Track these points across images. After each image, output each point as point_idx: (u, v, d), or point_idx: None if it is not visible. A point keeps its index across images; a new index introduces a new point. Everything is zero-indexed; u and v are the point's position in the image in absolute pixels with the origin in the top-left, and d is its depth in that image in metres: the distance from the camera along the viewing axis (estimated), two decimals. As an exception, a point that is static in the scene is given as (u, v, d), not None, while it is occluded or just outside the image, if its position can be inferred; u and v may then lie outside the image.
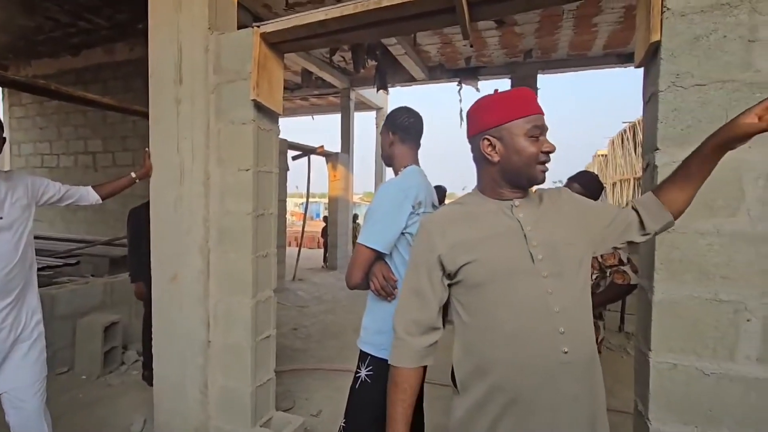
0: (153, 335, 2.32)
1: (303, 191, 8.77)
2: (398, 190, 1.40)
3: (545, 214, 0.98)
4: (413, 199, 1.39)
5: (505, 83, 7.31)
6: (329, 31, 1.92)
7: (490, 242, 0.94)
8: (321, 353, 3.87)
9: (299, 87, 8.48)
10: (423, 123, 1.56)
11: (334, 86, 8.32)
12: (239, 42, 2.06)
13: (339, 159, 8.52)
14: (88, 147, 6.62)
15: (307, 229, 10.38)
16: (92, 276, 4.19)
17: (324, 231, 9.35)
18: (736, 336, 1.23)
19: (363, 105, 9.73)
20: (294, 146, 7.34)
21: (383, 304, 1.41)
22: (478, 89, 7.33)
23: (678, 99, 1.28)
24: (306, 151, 7.76)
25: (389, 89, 7.59)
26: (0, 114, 7.29)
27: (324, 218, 10.09)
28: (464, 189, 1.13)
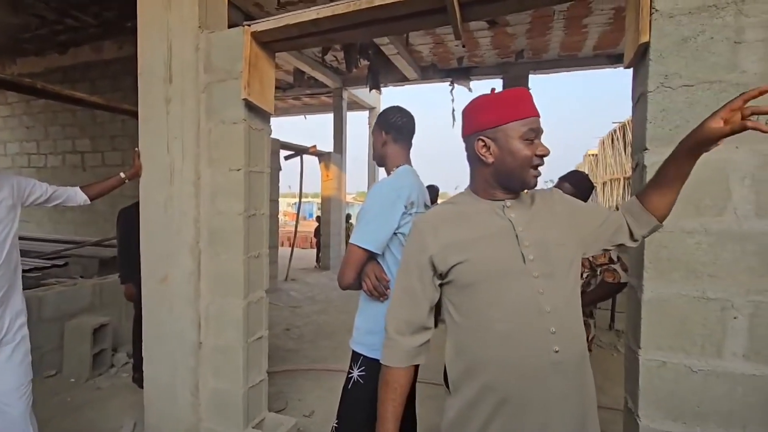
0: (143, 337, 2.30)
1: (296, 191, 8.73)
2: (391, 190, 1.40)
3: (537, 215, 0.99)
4: (406, 199, 1.39)
5: (497, 83, 7.35)
6: (321, 31, 1.91)
7: (482, 242, 0.94)
8: (314, 353, 3.86)
9: (291, 86, 8.44)
10: (415, 122, 1.56)
11: (327, 86, 8.30)
12: (230, 41, 2.05)
13: (332, 159, 8.50)
14: (77, 146, 6.52)
15: (300, 229, 10.34)
16: (81, 277, 4.12)
17: (317, 231, 9.32)
18: (723, 333, 1.25)
19: (356, 105, 9.72)
20: (286, 146, 7.31)
21: (375, 305, 1.41)
22: (471, 89, 7.37)
23: (666, 99, 1.29)
24: (298, 151, 7.73)
25: (382, 89, 7.59)
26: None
27: (317, 218, 10.07)
28: (457, 188, 1.12)
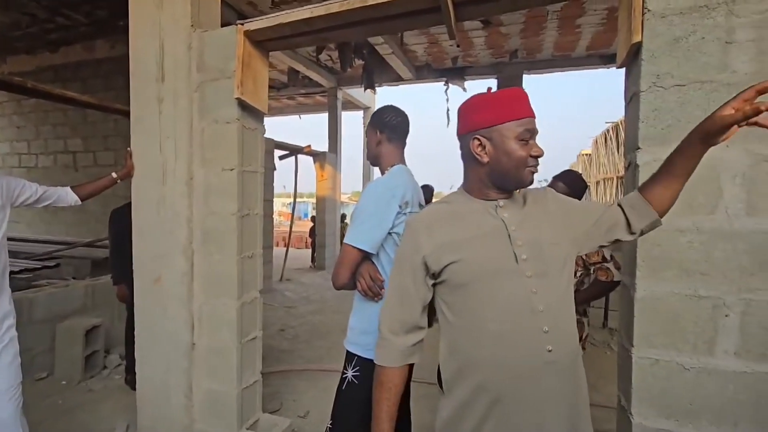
0: (136, 338, 2.28)
1: (290, 191, 8.69)
2: (385, 190, 1.39)
3: (530, 214, 0.99)
4: (400, 199, 1.38)
5: (492, 83, 7.37)
6: (315, 30, 1.90)
7: (475, 242, 0.94)
8: (308, 354, 3.85)
9: (286, 86, 8.41)
10: (409, 122, 1.56)
11: (321, 85, 8.27)
12: (223, 40, 2.03)
13: (326, 158, 8.48)
14: (68, 146, 6.45)
15: (295, 229, 10.31)
16: (73, 278, 4.08)
17: (312, 231, 9.30)
18: (715, 331, 1.26)
19: (350, 104, 9.70)
20: (281, 146, 7.28)
21: (370, 305, 1.41)
22: (465, 89, 7.38)
23: (658, 99, 1.30)
24: (293, 151, 7.71)
25: (376, 89, 7.59)
26: (-26, 112, 7.05)
27: (312, 218, 10.04)
28: (451, 188, 1.12)
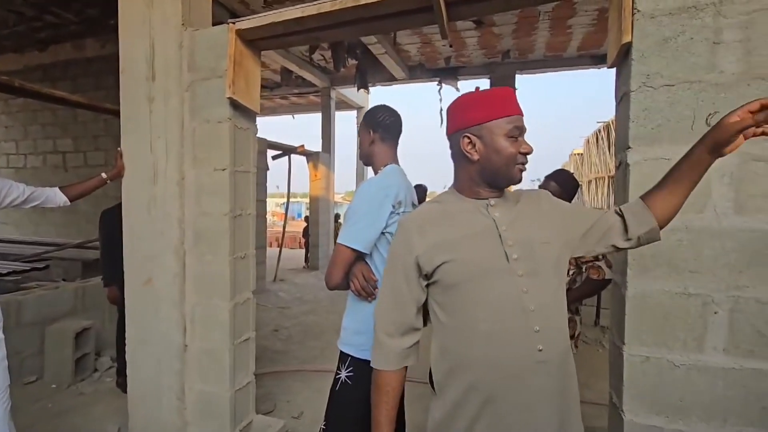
0: (127, 340, 2.25)
1: (284, 191, 8.66)
2: (378, 189, 1.39)
3: (522, 214, 0.99)
4: (393, 198, 1.38)
5: (485, 83, 7.40)
6: (307, 29, 1.89)
7: (467, 242, 0.94)
8: (302, 354, 3.84)
9: (279, 86, 8.37)
10: (402, 121, 1.56)
11: (315, 85, 8.25)
12: (214, 39, 2.02)
13: (320, 158, 8.46)
14: (58, 146, 6.37)
15: (289, 229, 10.27)
16: (63, 280, 4.03)
17: (305, 231, 9.27)
18: (705, 328, 1.27)
19: (344, 104, 9.68)
20: (274, 145, 7.25)
21: (363, 305, 1.40)
22: (458, 89, 7.40)
23: (648, 99, 1.31)
24: (286, 151, 7.67)
25: (370, 88, 7.58)
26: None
27: (305, 218, 10.01)
28: (445, 188, 1.12)
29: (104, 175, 2.18)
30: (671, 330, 1.30)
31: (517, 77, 6.92)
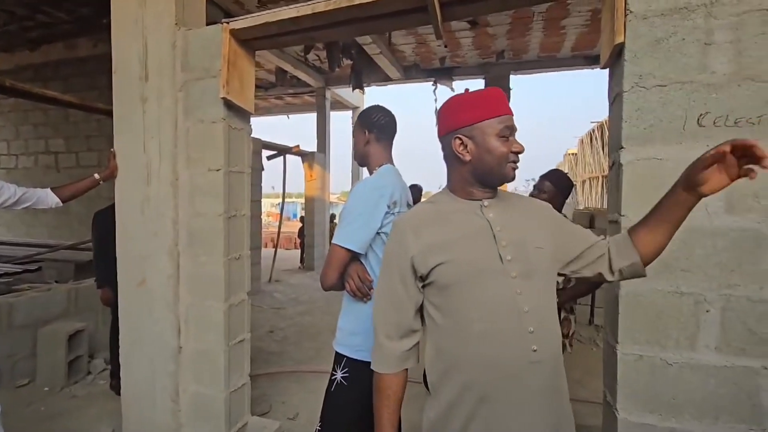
0: (120, 342, 2.23)
1: (279, 191, 8.63)
2: (373, 189, 1.39)
3: (517, 216, 0.99)
4: (388, 199, 1.38)
5: (479, 83, 7.42)
6: (302, 29, 1.89)
7: (461, 243, 0.94)
8: (298, 355, 3.83)
9: (274, 86, 8.35)
10: (396, 122, 1.56)
11: (310, 85, 8.23)
12: (208, 38, 2.01)
13: (315, 158, 8.45)
14: (50, 147, 6.31)
15: (284, 230, 10.23)
16: (56, 282, 3.99)
17: (300, 231, 9.24)
18: (697, 326, 1.29)
19: (339, 104, 9.67)
20: (269, 146, 7.22)
21: (359, 305, 1.40)
22: (453, 89, 7.42)
23: (641, 99, 1.32)
24: (281, 151, 7.65)
25: (365, 88, 7.58)
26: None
27: (300, 218, 9.98)
28: (440, 188, 1.13)
29: (97, 176, 2.17)
30: (664, 328, 1.31)
31: (512, 77, 6.95)
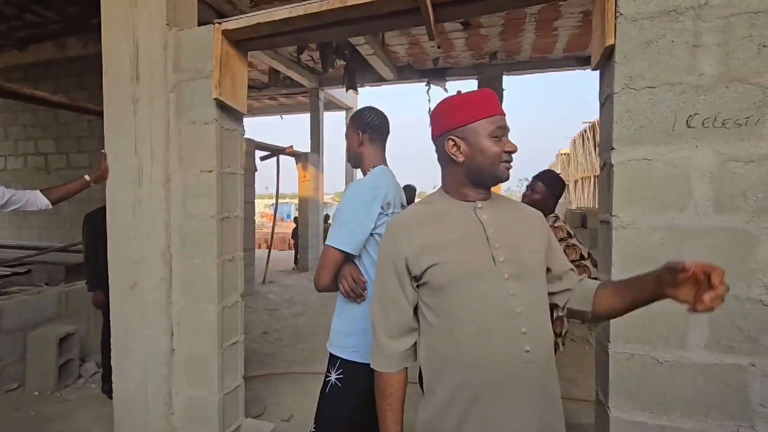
0: (112, 345, 2.21)
1: (273, 192, 8.60)
2: (367, 191, 1.39)
3: (509, 218, 1.00)
4: (382, 200, 1.38)
5: (472, 84, 7.46)
6: (294, 29, 1.89)
7: (454, 244, 0.95)
8: (292, 356, 3.81)
9: (267, 86, 8.31)
10: (389, 122, 1.56)
11: (303, 86, 8.20)
12: (200, 39, 2.00)
13: (309, 159, 8.42)
14: (39, 148, 6.23)
15: (278, 231, 10.19)
16: (46, 285, 3.95)
17: (294, 232, 9.21)
18: (686, 325, 1.30)
19: (332, 104, 9.65)
20: (262, 146, 7.19)
21: (353, 307, 1.40)
22: (447, 90, 7.43)
23: (631, 100, 1.34)
24: (274, 152, 7.62)
25: (358, 89, 7.57)
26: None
27: (294, 219, 9.95)
28: (434, 188, 1.13)
29: (87, 178, 2.15)
30: (655, 327, 1.33)
31: (505, 78, 6.99)
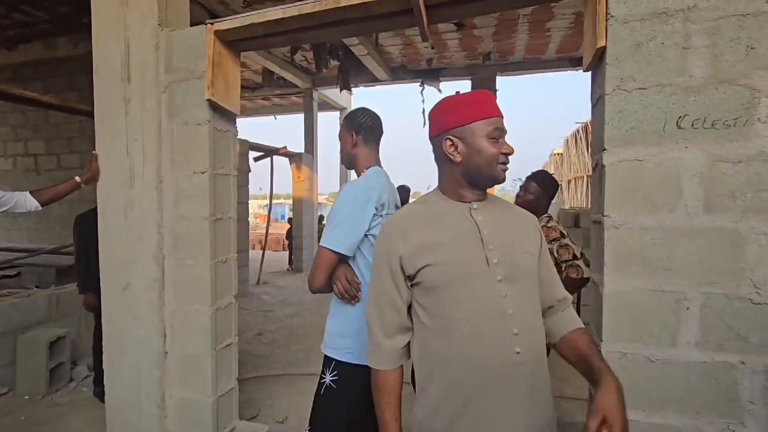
0: (104, 348, 2.19)
1: (266, 193, 8.56)
2: (361, 192, 1.39)
3: (504, 220, 1.01)
4: (376, 201, 1.38)
5: (466, 85, 7.48)
6: (288, 30, 1.88)
7: (449, 245, 0.95)
8: (286, 358, 3.80)
9: (260, 86, 8.27)
10: (382, 123, 1.57)
11: (297, 86, 8.18)
12: (192, 39, 1.98)
13: (303, 159, 8.40)
14: (29, 149, 6.15)
15: (272, 232, 10.15)
16: (36, 287, 3.90)
17: (289, 233, 9.18)
18: (678, 323, 1.32)
19: (326, 105, 9.64)
20: (256, 147, 7.16)
21: (347, 308, 1.40)
22: (440, 90, 7.45)
23: (622, 102, 1.35)
24: (268, 152, 7.59)
25: (352, 89, 7.57)
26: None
27: (289, 220, 9.91)
28: (429, 188, 1.13)
29: (78, 179, 2.12)
30: (646, 326, 1.34)
31: (498, 79, 7.02)
